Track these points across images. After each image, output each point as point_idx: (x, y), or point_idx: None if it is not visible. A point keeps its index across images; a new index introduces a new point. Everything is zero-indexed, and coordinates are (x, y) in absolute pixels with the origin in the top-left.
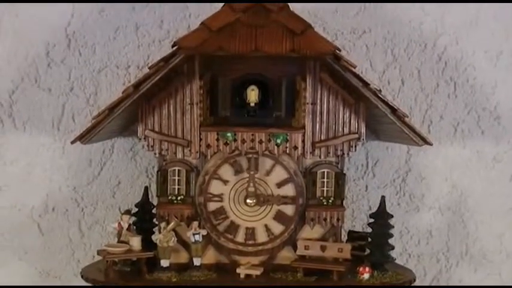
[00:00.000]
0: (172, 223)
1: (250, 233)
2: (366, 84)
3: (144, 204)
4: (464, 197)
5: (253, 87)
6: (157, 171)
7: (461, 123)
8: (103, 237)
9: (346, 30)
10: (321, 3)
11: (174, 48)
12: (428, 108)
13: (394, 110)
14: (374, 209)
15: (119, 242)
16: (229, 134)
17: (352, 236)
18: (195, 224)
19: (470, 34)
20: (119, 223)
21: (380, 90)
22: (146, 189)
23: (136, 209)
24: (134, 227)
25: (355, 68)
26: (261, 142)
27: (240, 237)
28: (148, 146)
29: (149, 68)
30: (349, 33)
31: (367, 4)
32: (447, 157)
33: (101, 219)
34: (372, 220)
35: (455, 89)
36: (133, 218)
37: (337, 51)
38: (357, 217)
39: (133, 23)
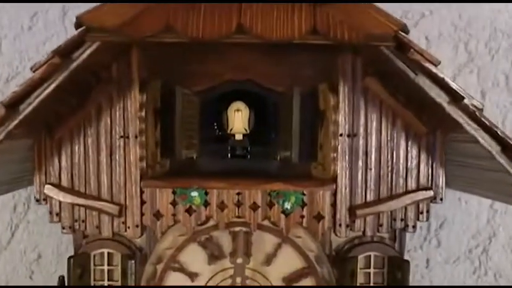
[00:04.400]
0: None
1: None
2: (455, 97)
3: None
4: None
5: (239, 104)
6: (70, 258)
7: None
8: None
9: (396, 14)
10: None
11: (80, 30)
12: None
13: (506, 147)
14: None
15: None
16: (195, 194)
17: None
18: None
19: None
20: None
21: (481, 110)
22: (63, 280)
23: None
24: None
25: (437, 65)
26: (255, 207)
27: None
28: (51, 213)
29: (34, 71)
30: (400, 18)
31: None
32: None
33: None
34: None
35: None
36: None
37: (402, 34)
38: None
39: None
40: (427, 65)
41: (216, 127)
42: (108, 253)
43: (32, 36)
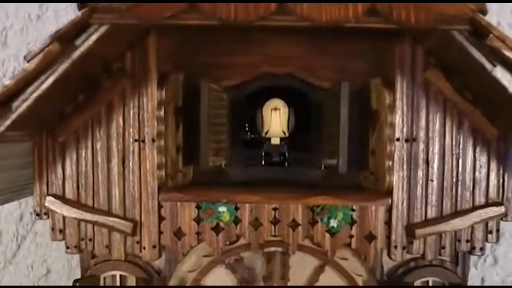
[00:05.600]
0: None
1: None
2: None
3: None
4: None
5: (277, 102)
6: (76, 281)
7: None
8: None
9: None
10: None
11: (83, 11)
12: None
13: None
14: None
15: None
16: (223, 209)
17: None
18: None
19: None
20: None
21: None
22: None
23: None
24: None
25: None
26: (295, 225)
27: None
28: (53, 229)
29: (28, 60)
30: None
31: None
32: None
33: None
34: None
35: None
36: None
37: (480, 16)
38: None
39: None
40: (509, 54)
41: (248, 130)
42: (121, 276)
43: (41, 26)
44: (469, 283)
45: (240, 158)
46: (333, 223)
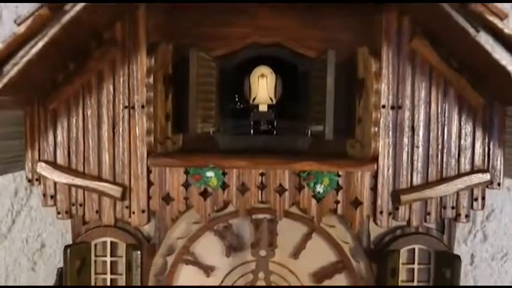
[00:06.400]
0: None
1: None
2: None
3: None
4: None
5: (264, 69)
6: (67, 247)
7: None
8: None
9: None
10: None
11: None
12: None
13: None
14: None
15: None
16: (211, 174)
17: None
18: None
19: None
20: None
21: None
22: (60, 277)
23: None
24: None
25: (503, 19)
26: (281, 191)
27: None
28: (44, 195)
29: (18, 24)
30: None
31: None
32: None
33: None
34: None
35: None
36: None
37: None
38: None
39: None
40: (492, 18)
41: (237, 100)
42: (111, 242)
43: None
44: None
45: (229, 127)
46: (319, 188)
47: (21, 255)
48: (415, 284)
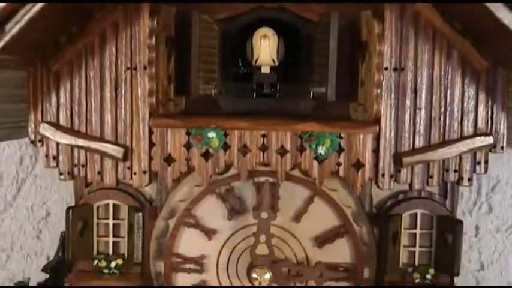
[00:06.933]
0: None
1: None
2: None
3: (58, 269)
4: None
5: (266, 30)
6: (69, 209)
7: None
8: None
9: None
10: None
11: None
12: None
13: None
14: (490, 270)
15: None
16: (212, 135)
17: None
18: None
19: None
20: None
21: None
22: (63, 241)
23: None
24: None
25: None
26: (283, 152)
27: None
28: (47, 156)
29: None
30: None
31: None
32: None
33: (18, 275)
34: None
35: None
36: None
37: None
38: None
39: None
40: None
41: (240, 63)
42: (114, 205)
43: None
44: (464, 231)
45: (231, 90)
46: (321, 150)
47: (26, 223)
48: (416, 248)
